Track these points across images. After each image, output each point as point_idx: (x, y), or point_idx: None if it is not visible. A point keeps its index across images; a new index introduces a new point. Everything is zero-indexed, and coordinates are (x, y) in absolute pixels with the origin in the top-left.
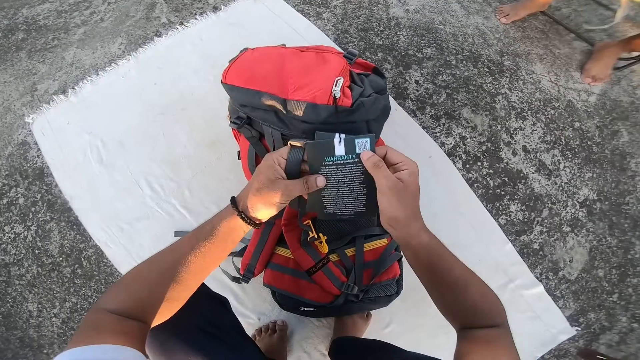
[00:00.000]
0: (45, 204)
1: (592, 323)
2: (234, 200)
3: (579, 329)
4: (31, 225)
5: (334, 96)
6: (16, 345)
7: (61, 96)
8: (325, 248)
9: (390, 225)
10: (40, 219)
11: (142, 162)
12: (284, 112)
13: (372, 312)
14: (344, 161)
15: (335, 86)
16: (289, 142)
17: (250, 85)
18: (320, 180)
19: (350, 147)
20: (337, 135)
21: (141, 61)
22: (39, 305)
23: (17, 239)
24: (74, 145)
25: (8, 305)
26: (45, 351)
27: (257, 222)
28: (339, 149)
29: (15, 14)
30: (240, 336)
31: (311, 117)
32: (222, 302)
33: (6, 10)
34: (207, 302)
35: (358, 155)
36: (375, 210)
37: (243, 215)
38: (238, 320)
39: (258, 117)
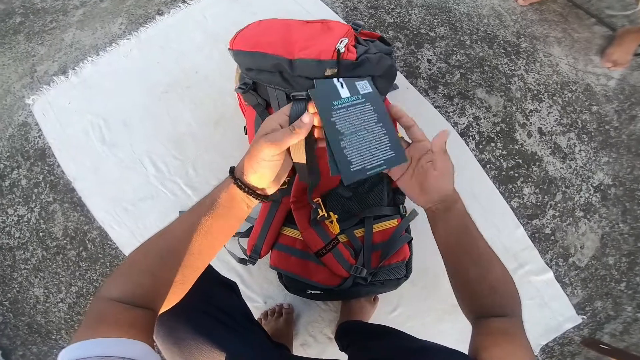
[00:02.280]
0: (48, 185)
1: (598, 312)
2: (232, 169)
3: (585, 317)
4: (34, 207)
5: (338, 50)
6: (25, 332)
7: (61, 77)
8: (336, 228)
9: (442, 201)
10: (44, 201)
11: (146, 141)
12: (290, 71)
13: (379, 295)
14: (353, 102)
15: (340, 44)
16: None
17: (257, 49)
18: (306, 117)
19: (353, 89)
20: (336, 79)
21: (143, 40)
22: (45, 290)
23: (21, 221)
24: (75, 126)
25: (14, 290)
26: (53, 337)
27: (257, 191)
28: (344, 92)
29: None
30: (248, 322)
31: (316, 73)
32: (231, 287)
33: None
34: (215, 288)
35: (364, 96)
36: (402, 153)
37: (239, 182)
38: (246, 306)
39: (263, 80)
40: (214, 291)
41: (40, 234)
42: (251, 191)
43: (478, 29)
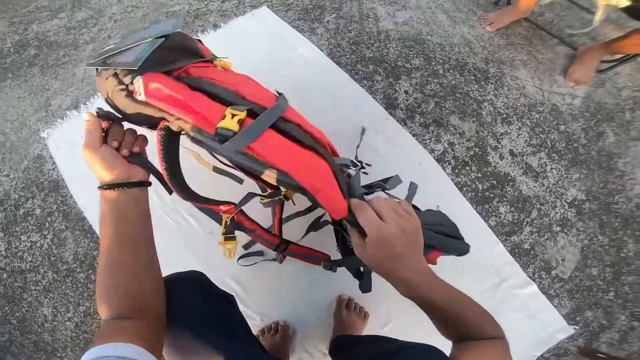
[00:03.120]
0: (60, 214)
1: (590, 322)
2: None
3: (577, 327)
4: (47, 234)
5: None
6: (30, 350)
7: (74, 111)
8: None
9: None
10: (56, 228)
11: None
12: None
13: (369, 311)
14: None
15: None
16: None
17: None
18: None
19: None
20: None
21: None
22: (54, 310)
23: (34, 247)
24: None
25: (23, 310)
26: (59, 354)
27: (104, 184)
28: None
29: (25, 30)
30: (246, 333)
31: None
32: (229, 299)
33: (16, 25)
34: (214, 300)
35: None
36: None
37: (101, 187)
38: (243, 318)
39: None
40: (212, 303)
41: (52, 258)
42: (103, 185)
43: (450, 57)
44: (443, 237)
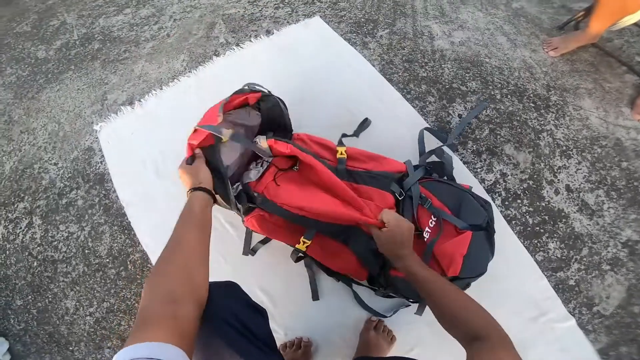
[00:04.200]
0: (101, 208)
1: (622, 356)
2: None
3: None
4: (85, 226)
5: None
6: (43, 340)
7: (128, 107)
8: None
9: (391, 257)
10: (95, 221)
11: None
12: None
13: (397, 335)
14: None
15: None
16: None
17: None
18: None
19: None
20: None
21: (201, 79)
22: (77, 303)
23: (70, 237)
24: (134, 155)
25: (47, 300)
26: (70, 348)
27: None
28: None
29: (92, 24)
30: (271, 347)
31: None
32: (261, 312)
33: (85, 18)
34: (247, 310)
35: None
36: None
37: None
38: (271, 333)
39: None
40: (247, 314)
41: (86, 250)
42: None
43: (509, 82)
44: None
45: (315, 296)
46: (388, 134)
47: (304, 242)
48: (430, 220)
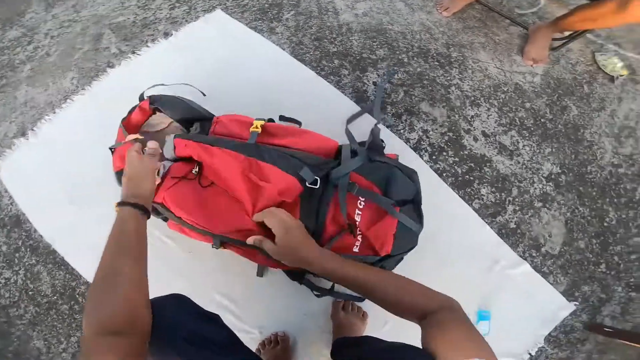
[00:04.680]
0: (28, 249)
1: (588, 296)
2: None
3: (577, 303)
4: (19, 270)
5: None
6: None
7: (21, 139)
8: None
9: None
10: (27, 263)
11: (116, 195)
12: None
13: (367, 311)
14: None
15: None
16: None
17: None
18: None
19: None
20: None
21: (97, 94)
22: (46, 342)
23: (8, 283)
24: (44, 188)
25: (15, 344)
26: None
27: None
28: None
29: None
30: (236, 347)
31: None
32: (213, 319)
33: None
34: (197, 320)
35: None
36: None
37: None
38: (233, 332)
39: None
40: (196, 322)
41: (29, 292)
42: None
43: (412, 45)
44: None
45: (259, 272)
46: (310, 113)
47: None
48: (360, 201)
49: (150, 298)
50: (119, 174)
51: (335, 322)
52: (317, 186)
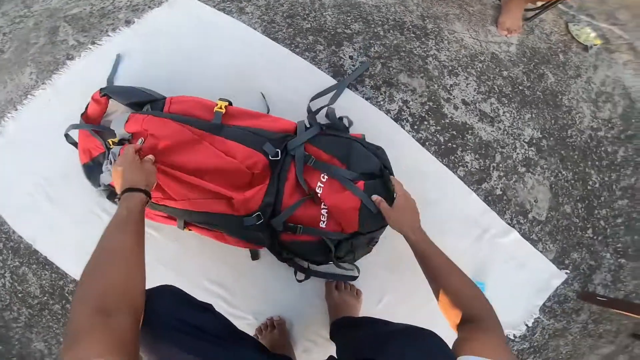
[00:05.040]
0: (10, 251)
1: (578, 264)
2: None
3: (568, 271)
4: (4, 273)
5: None
6: None
7: None
8: None
9: (401, 232)
10: (11, 266)
11: (91, 190)
12: None
13: (361, 288)
14: None
15: None
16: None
17: None
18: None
19: None
20: None
21: (59, 88)
22: (46, 344)
23: None
24: (17, 189)
25: (17, 347)
26: None
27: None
28: None
29: None
30: (231, 335)
31: None
32: (206, 308)
33: None
34: (190, 309)
35: None
36: None
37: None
38: (228, 321)
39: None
40: (189, 312)
41: (19, 294)
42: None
43: (387, 18)
44: None
45: (254, 256)
46: (286, 93)
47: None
48: (322, 175)
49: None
50: (86, 166)
51: (330, 302)
52: (279, 157)
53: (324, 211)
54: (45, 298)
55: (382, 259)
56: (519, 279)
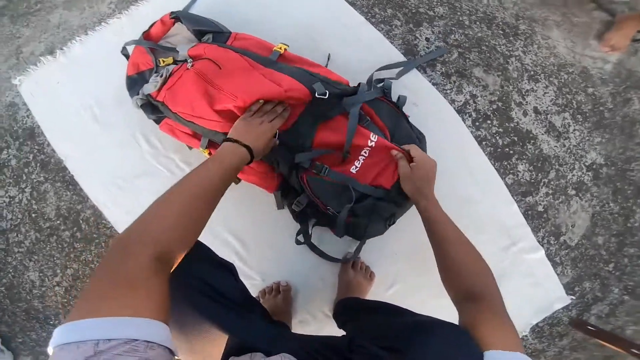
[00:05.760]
0: (38, 165)
1: (586, 293)
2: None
3: (574, 297)
4: (25, 188)
5: None
6: (22, 318)
7: (49, 57)
8: None
9: (412, 196)
10: (35, 180)
11: (140, 118)
12: None
13: (375, 272)
14: None
15: None
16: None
17: None
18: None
19: None
20: None
21: (134, 18)
22: (41, 274)
23: (12, 202)
24: (65, 105)
25: (10, 275)
26: (51, 322)
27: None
28: None
29: None
30: (246, 301)
31: None
32: (229, 269)
33: None
34: (213, 269)
35: None
36: None
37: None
38: (244, 286)
39: None
40: (212, 273)
41: (33, 214)
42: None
43: (477, 9)
44: None
45: (279, 205)
46: (352, 59)
47: (203, 149)
48: (373, 135)
49: None
50: (130, 78)
51: (342, 279)
52: (326, 97)
53: (361, 158)
54: (58, 222)
55: (402, 248)
56: (528, 296)
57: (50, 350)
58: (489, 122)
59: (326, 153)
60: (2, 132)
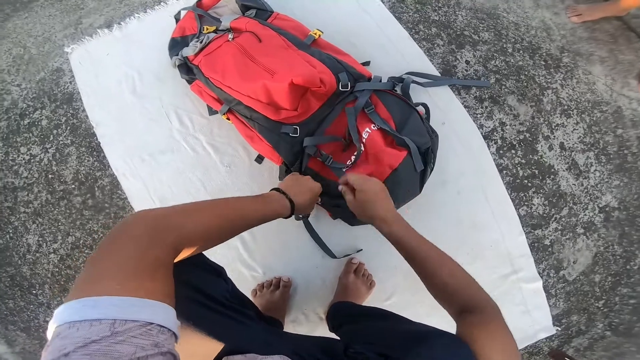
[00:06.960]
0: (68, 128)
1: (572, 325)
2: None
3: (559, 329)
4: (49, 148)
5: None
6: (5, 284)
7: (105, 30)
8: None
9: (371, 222)
10: (61, 142)
11: (176, 96)
12: None
13: (376, 281)
14: None
15: None
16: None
17: None
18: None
19: None
20: None
21: (192, 1)
22: (40, 238)
23: (32, 161)
24: (109, 75)
25: (7, 236)
26: (34, 291)
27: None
28: None
29: None
30: (237, 304)
31: None
32: (218, 272)
33: None
34: (203, 274)
35: None
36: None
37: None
38: (235, 288)
39: None
40: (202, 278)
41: (49, 175)
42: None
43: (523, 38)
44: None
45: (281, 178)
46: (389, 70)
47: (222, 114)
48: (373, 125)
49: None
50: (174, 40)
51: (342, 282)
52: (347, 89)
53: (358, 152)
54: (73, 187)
55: (404, 264)
56: (516, 323)
57: (52, 327)
58: (513, 151)
59: (332, 140)
60: (40, 94)
